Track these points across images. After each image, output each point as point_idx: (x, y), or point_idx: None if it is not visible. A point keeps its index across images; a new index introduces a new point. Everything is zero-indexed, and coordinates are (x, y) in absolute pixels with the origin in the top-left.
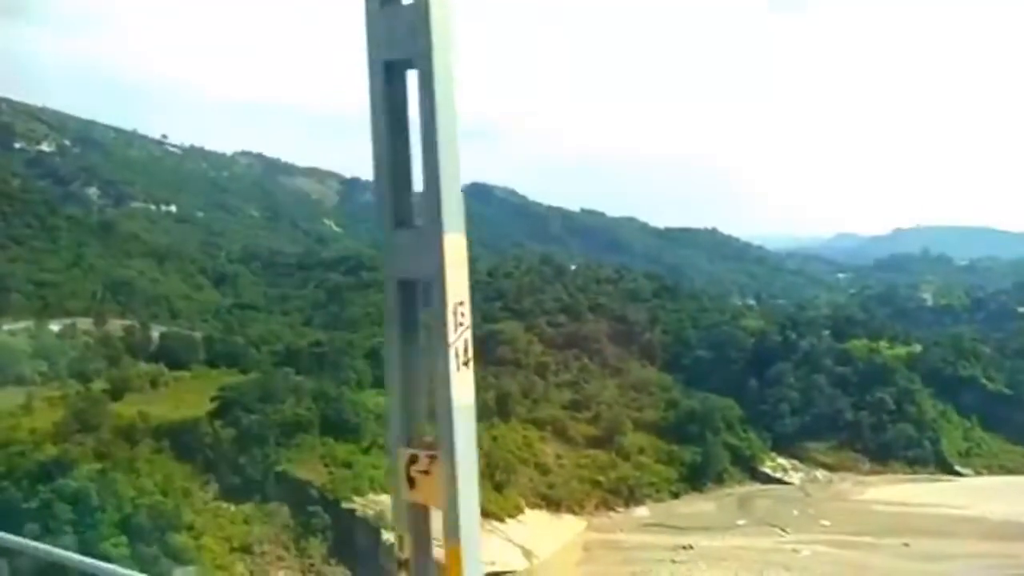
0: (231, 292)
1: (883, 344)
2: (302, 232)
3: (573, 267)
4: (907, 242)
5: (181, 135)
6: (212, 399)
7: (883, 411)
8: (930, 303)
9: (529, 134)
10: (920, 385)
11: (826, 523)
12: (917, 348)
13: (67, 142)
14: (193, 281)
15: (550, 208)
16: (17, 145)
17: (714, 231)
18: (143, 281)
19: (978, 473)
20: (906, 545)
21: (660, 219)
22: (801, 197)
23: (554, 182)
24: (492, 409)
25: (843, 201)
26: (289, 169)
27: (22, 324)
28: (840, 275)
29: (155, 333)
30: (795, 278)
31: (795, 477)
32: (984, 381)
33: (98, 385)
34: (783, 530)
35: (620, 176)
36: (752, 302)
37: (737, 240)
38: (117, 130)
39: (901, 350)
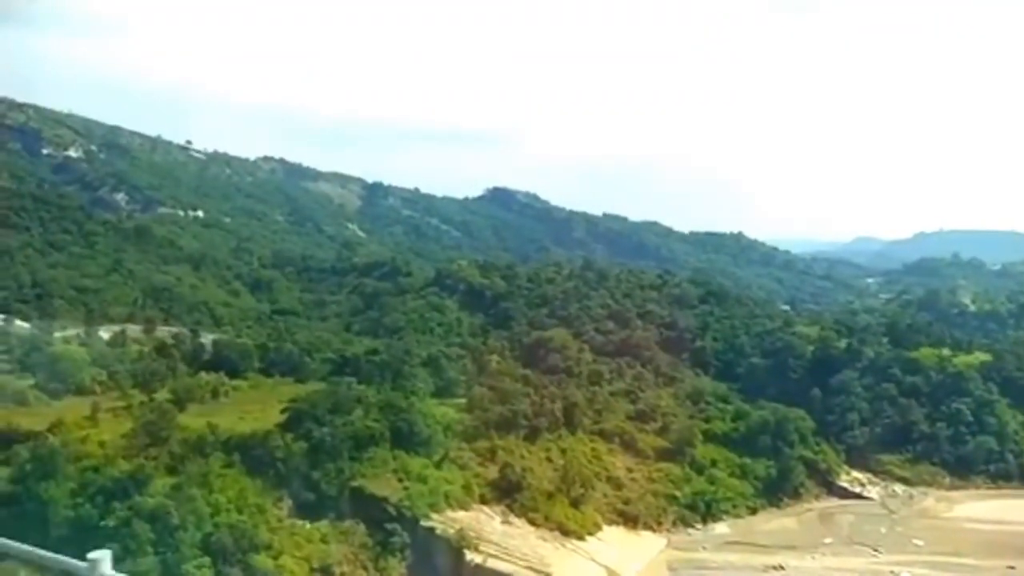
0: (266, 297)
1: (945, 352)
2: (327, 237)
3: (616, 272)
4: (930, 246)
5: (194, 138)
6: (282, 411)
7: (960, 422)
8: (972, 309)
9: (544, 138)
10: (998, 395)
11: (919, 542)
12: (985, 356)
13: (93, 147)
14: (229, 287)
15: (573, 212)
16: (45, 151)
17: (740, 235)
18: (183, 287)
19: None
20: (1011, 568)
21: (683, 224)
22: (819, 201)
23: (569, 186)
24: (560, 420)
25: (862, 205)
26: (311, 173)
27: (72, 331)
28: (869, 280)
29: (206, 340)
30: (824, 283)
31: (873, 491)
32: None
33: (160, 395)
34: (875, 550)
35: (626, 179)
36: (786, 307)
37: (763, 244)
38: (142, 136)
39: (969, 358)
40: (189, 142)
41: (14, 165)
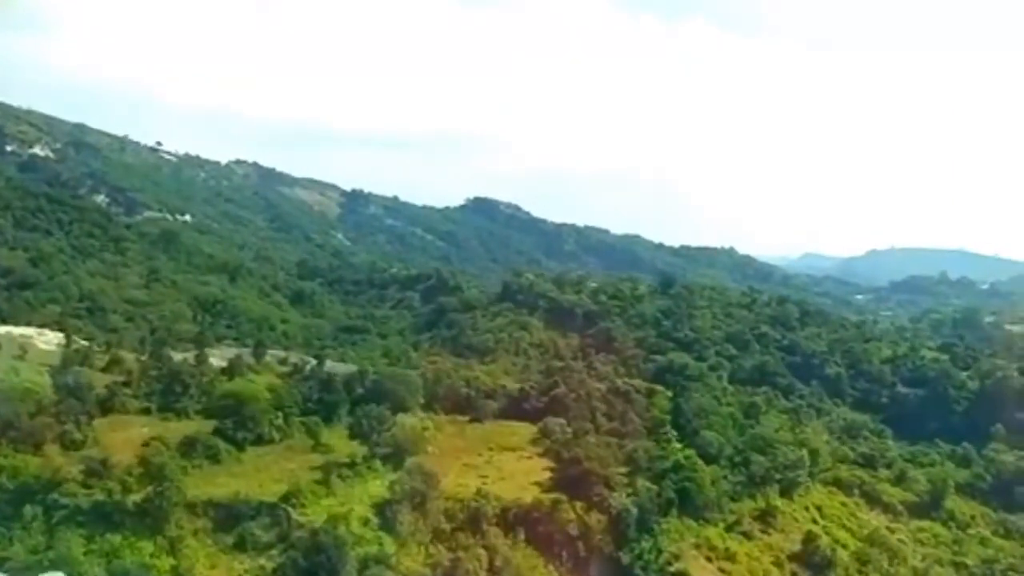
0: (310, 311)
1: None
2: (316, 245)
3: (699, 288)
4: (885, 263)
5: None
6: (550, 468)
7: None
8: (1016, 329)
9: (493, 148)
10: None
11: None
12: None
13: (59, 146)
14: (270, 299)
15: (560, 225)
16: (9, 148)
17: (731, 251)
18: (232, 299)
19: None
20: None
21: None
22: (765, 218)
23: (536, 196)
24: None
25: (808, 222)
26: (286, 179)
27: (178, 355)
28: (858, 296)
29: (327, 368)
30: (824, 300)
31: None
32: None
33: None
34: None
35: (577, 192)
36: None
37: (756, 260)
38: (108, 135)
39: None
40: (159, 143)
41: None
